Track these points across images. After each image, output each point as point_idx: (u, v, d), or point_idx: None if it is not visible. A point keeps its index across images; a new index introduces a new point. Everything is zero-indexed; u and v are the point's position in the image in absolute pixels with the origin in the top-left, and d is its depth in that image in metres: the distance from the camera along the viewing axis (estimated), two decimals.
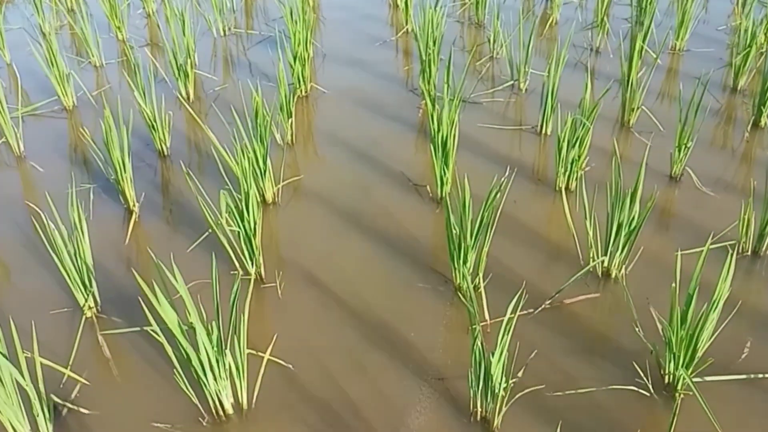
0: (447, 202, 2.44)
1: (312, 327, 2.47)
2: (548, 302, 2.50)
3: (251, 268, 2.69)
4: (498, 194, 2.39)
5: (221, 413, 2.16)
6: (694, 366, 2.05)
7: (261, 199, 3.17)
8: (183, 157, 3.59)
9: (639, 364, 2.22)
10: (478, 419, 2.08)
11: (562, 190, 3.16)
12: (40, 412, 2.06)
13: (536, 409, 2.10)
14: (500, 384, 1.90)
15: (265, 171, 3.08)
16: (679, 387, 2.09)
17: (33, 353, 1.98)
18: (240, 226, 2.57)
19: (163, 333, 2.03)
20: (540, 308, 2.47)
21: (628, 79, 3.64)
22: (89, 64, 4.65)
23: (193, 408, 2.17)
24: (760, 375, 2.18)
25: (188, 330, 2.01)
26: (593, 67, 4.38)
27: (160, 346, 2.19)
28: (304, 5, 4.03)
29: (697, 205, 3.03)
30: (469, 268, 2.49)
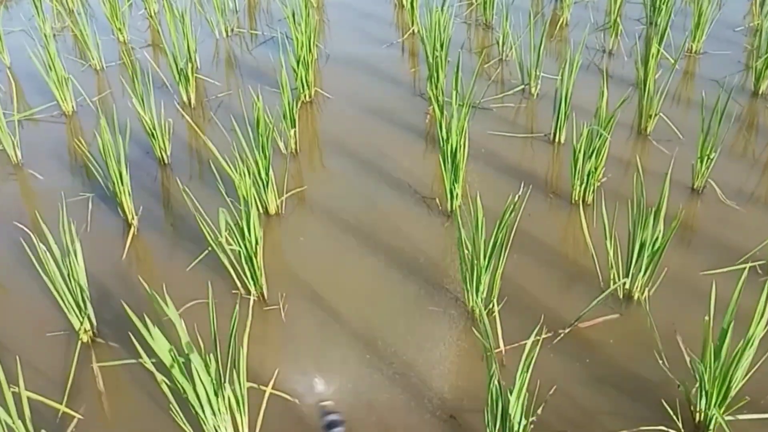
0: (458, 221, 2.30)
1: (317, 355, 2.34)
2: (568, 329, 2.37)
3: (253, 288, 2.56)
4: (512, 213, 2.26)
5: None
6: (728, 405, 1.90)
7: (264, 211, 3.04)
8: (184, 166, 3.46)
9: (668, 400, 2.06)
10: None
11: (578, 204, 3.02)
12: None
13: None
14: (519, 423, 1.77)
15: (267, 183, 2.95)
16: (711, 427, 1.95)
17: (20, 390, 1.86)
18: (240, 244, 2.44)
19: (160, 364, 1.91)
20: (559, 337, 2.34)
21: (644, 84, 3.50)
22: (89, 67, 4.52)
23: None
24: None
25: (185, 362, 1.89)
26: (607, 70, 4.22)
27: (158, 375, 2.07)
28: (307, 7, 3.88)
29: (722, 220, 2.88)
30: (482, 292, 2.36)
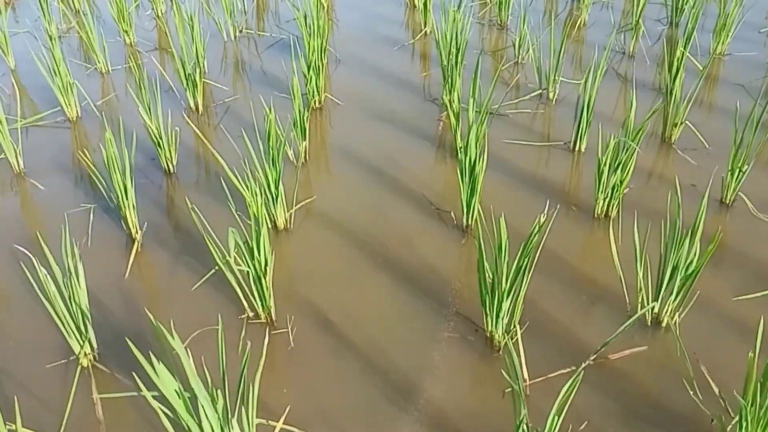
0: (480, 244, 2.16)
1: (328, 385, 2.22)
2: (592, 358, 2.24)
3: (261, 311, 2.45)
4: (538, 235, 2.13)
5: None
6: None
7: (272, 226, 2.93)
8: (190, 176, 3.35)
9: None
10: None
11: (601, 218, 2.89)
12: None
13: None
14: None
15: (277, 196, 2.83)
16: None
17: (17, 427, 1.76)
18: (249, 265, 2.33)
19: (164, 396, 1.80)
20: (584, 366, 2.20)
21: (670, 90, 3.35)
22: (95, 70, 4.42)
23: None
24: None
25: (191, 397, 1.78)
26: (629, 74, 4.08)
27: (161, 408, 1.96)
28: (318, 11, 3.75)
29: (755, 236, 2.74)
30: (503, 318, 2.23)
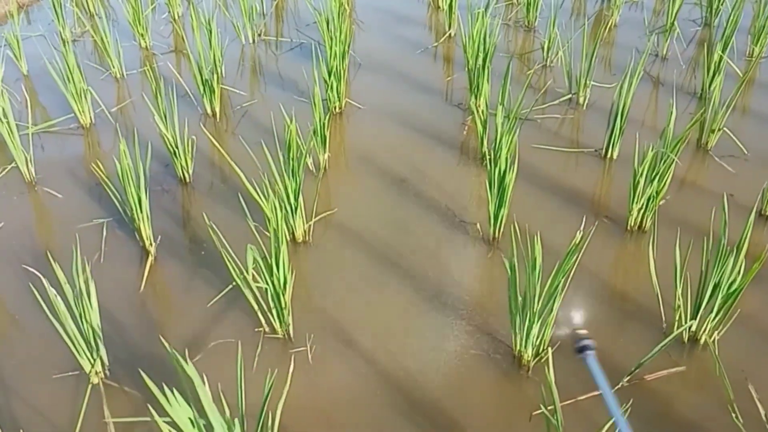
0: (514, 265, 2.03)
1: (350, 408, 2.11)
2: (626, 379, 2.11)
3: (279, 327, 2.35)
4: (574, 255, 2.00)
5: None
6: None
7: (290, 238, 2.83)
8: (206, 185, 3.26)
9: None
10: None
11: (634, 231, 2.75)
12: None
13: None
14: None
15: (296, 208, 2.73)
16: None
17: None
18: (268, 281, 2.23)
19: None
20: (615, 388, 2.07)
21: (707, 95, 3.19)
22: (110, 75, 4.35)
23: None
24: None
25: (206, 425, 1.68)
26: (662, 77, 3.92)
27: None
28: (341, 15, 3.65)
29: None
30: (533, 338, 2.10)
